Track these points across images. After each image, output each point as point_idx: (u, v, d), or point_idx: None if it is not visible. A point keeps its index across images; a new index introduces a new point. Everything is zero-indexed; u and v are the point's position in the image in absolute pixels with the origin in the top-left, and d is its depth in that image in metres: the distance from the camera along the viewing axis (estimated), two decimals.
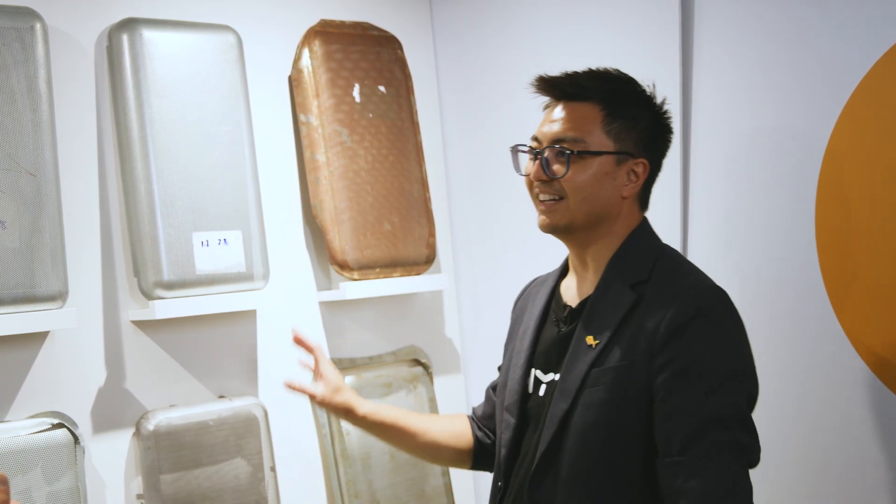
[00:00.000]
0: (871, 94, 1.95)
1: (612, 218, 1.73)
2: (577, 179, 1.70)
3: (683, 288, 1.64)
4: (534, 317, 1.83)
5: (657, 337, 1.60)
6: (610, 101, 1.72)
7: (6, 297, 1.99)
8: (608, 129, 1.71)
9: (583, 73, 1.77)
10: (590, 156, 1.70)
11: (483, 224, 2.83)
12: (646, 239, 1.75)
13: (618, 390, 1.62)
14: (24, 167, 2.04)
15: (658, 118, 1.76)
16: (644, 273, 1.69)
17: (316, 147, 2.53)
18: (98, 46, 2.25)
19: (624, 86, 1.75)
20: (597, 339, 1.66)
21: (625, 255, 1.72)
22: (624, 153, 1.71)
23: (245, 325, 2.45)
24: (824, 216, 2.03)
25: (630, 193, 1.72)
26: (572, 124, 1.72)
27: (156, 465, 2.18)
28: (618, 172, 1.71)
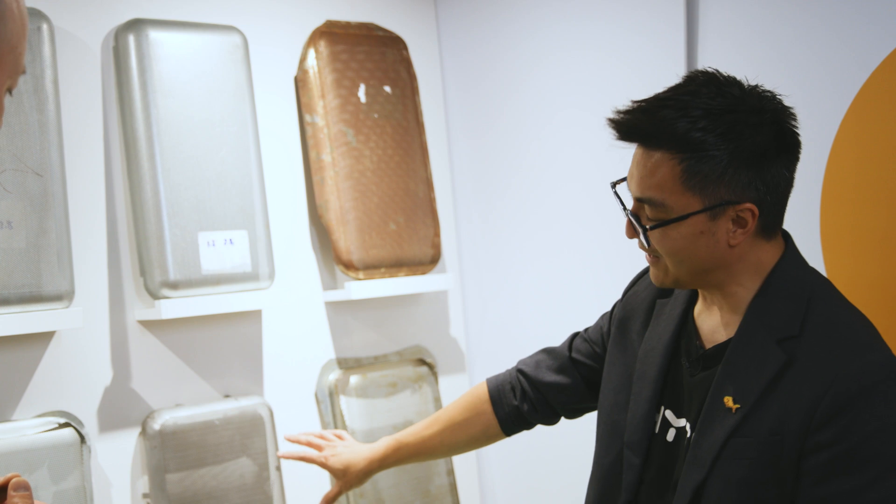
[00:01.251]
0: (876, 95, 1.95)
1: (729, 264, 1.49)
2: (667, 245, 1.48)
3: (848, 356, 1.40)
4: (662, 342, 1.60)
5: (815, 413, 1.38)
6: (686, 149, 1.43)
7: (13, 296, 1.99)
8: (691, 185, 1.43)
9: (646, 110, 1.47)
10: (672, 223, 1.45)
11: (488, 224, 2.83)
12: (792, 277, 1.49)
13: (763, 468, 1.41)
14: (30, 167, 2.05)
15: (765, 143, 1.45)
16: (794, 327, 1.44)
17: (321, 147, 2.54)
18: (104, 47, 2.26)
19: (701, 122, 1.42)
20: (737, 403, 1.44)
21: (768, 298, 1.48)
22: (718, 206, 1.44)
23: (251, 324, 2.46)
24: (829, 217, 2.03)
25: (739, 241, 1.47)
26: (649, 183, 1.46)
27: (161, 465, 2.19)
28: (716, 227, 1.46)
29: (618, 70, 2.44)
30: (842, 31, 2.00)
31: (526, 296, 2.73)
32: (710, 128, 1.42)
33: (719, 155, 1.42)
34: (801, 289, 1.49)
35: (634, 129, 1.48)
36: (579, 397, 1.84)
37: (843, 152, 2.00)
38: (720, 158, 1.42)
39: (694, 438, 1.49)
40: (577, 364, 1.84)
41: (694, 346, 1.56)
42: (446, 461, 2.68)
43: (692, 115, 1.43)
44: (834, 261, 2.02)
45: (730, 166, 1.43)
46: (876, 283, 1.96)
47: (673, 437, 1.54)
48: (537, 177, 2.68)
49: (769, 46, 2.13)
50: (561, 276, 2.64)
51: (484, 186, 2.83)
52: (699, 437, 1.47)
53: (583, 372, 1.84)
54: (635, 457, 1.58)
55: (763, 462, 1.41)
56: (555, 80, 2.61)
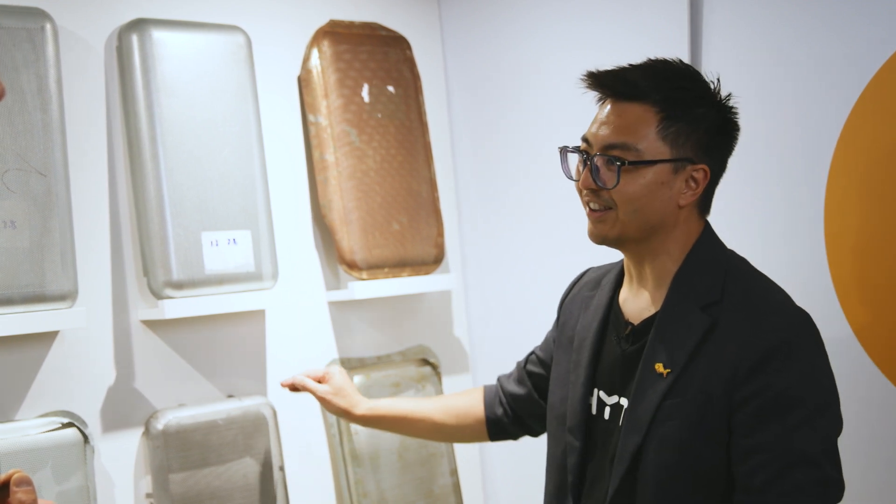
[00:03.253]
0: (879, 96, 1.95)
1: (668, 228, 1.60)
2: (629, 190, 1.57)
3: (765, 314, 1.52)
4: (591, 329, 1.70)
5: (739, 369, 1.49)
6: (667, 103, 1.57)
7: (16, 296, 2.00)
8: (664, 135, 1.56)
9: (637, 69, 1.62)
10: (643, 165, 1.56)
11: (492, 224, 2.83)
12: (712, 251, 1.62)
13: (695, 426, 1.51)
14: (34, 167, 2.05)
15: (722, 117, 1.61)
16: (716, 293, 1.56)
17: (325, 147, 2.54)
18: (108, 47, 2.26)
19: (684, 83, 1.59)
20: (668, 368, 1.54)
21: (690, 270, 1.59)
22: (682, 160, 1.57)
23: (254, 324, 2.46)
24: (833, 217, 2.02)
25: (688, 202, 1.59)
26: (624, 129, 1.57)
27: (165, 465, 2.19)
28: (674, 181, 1.57)
29: None
30: (845, 32, 2.00)
31: (529, 296, 2.73)
32: (688, 89, 1.59)
33: (692, 114, 1.57)
34: (718, 262, 1.61)
35: (623, 80, 1.60)
36: (535, 406, 1.95)
37: (846, 153, 2.00)
38: (692, 117, 1.57)
39: (629, 406, 1.58)
40: (530, 374, 1.96)
41: (621, 324, 1.66)
42: (450, 462, 2.68)
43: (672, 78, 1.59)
44: (838, 261, 2.02)
45: (697, 127, 1.57)
46: (880, 283, 1.96)
47: (609, 415, 1.63)
48: (541, 176, 2.68)
49: (773, 48, 2.13)
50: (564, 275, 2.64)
51: (487, 186, 2.83)
52: (634, 403, 1.57)
53: (535, 381, 1.95)
54: (576, 440, 1.66)
55: (693, 421, 1.51)
56: (558, 79, 2.61)
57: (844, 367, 2.01)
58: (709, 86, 1.61)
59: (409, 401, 2.07)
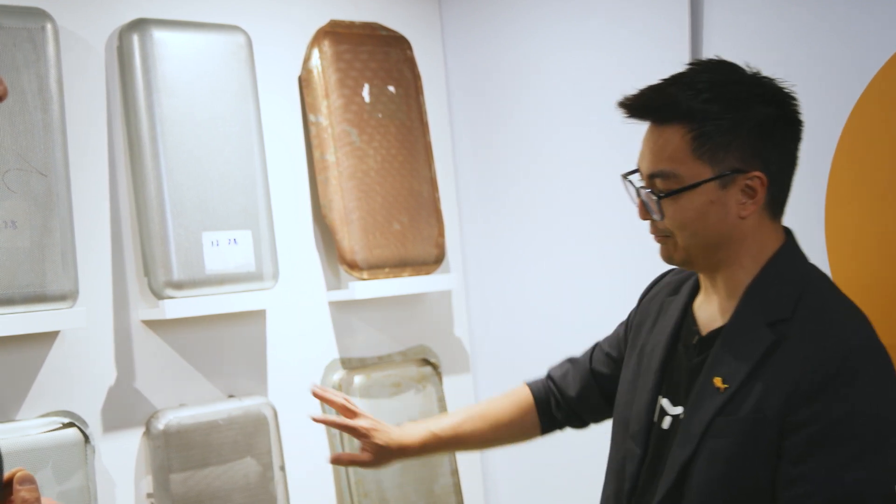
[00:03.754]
0: (881, 95, 1.95)
1: (736, 241, 1.51)
2: (679, 218, 1.50)
3: (832, 336, 1.43)
4: (664, 335, 1.64)
5: (796, 391, 1.41)
6: (695, 121, 1.47)
7: (17, 296, 2.00)
8: (700, 154, 1.47)
9: (658, 88, 1.52)
10: (686, 191, 1.48)
11: (492, 224, 2.83)
12: (790, 266, 1.53)
13: (747, 446, 1.44)
14: (34, 167, 2.05)
15: (768, 114, 1.49)
16: (786, 310, 1.47)
17: (325, 147, 2.54)
18: (108, 47, 2.26)
19: (709, 93, 1.48)
20: (726, 383, 1.47)
21: (765, 284, 1.51)
22: (727, 174, 1.48)
23: (255, 324, 2.46)
24: (833, 217, 2.02)
25: (749, 212, 1.50)
26: (660, 155, 1.50)
27: (165, 465, 2.19)
28: (726, 196, 1.49)
29: (621, 69, 2.44)
30: (846, 32, 2.00)
31: (530, 295, 2.73)
32: (714, 97, 1.48)
33: (725, 123, 1.47)
34: (797, 277, 1.52)
35: (645, 106, 1.52)
36: (601, 408, 1.87)
37: (847, 152, 2.00)
38: (726, 127, 1.47)
39: (684, 418, 1.52)
40: (597, 375, 1.86)
41: (691, 333, 1.59)
42: (450, 461, 2.68)
43: (697, 88, 1.48)
44: (838, 260, 2.02)
45: (736, 134, 1.47)
46: (880, 282, 1.95)
47: (668, 425, 1.57)
48: (541, 176, 2.68)
49: (774, 48, 2.12)
50: (565, 275, 2.64)
51: (488, 186, 2.83)
52: (688, 416, 1.51)
53: (601, 382, 1.86)
54: (637, 447, 1.60)
55: (746, 440, 1.44)
56: (559, 79, 2.61)
57: None
58: (744, 85, 1.51)
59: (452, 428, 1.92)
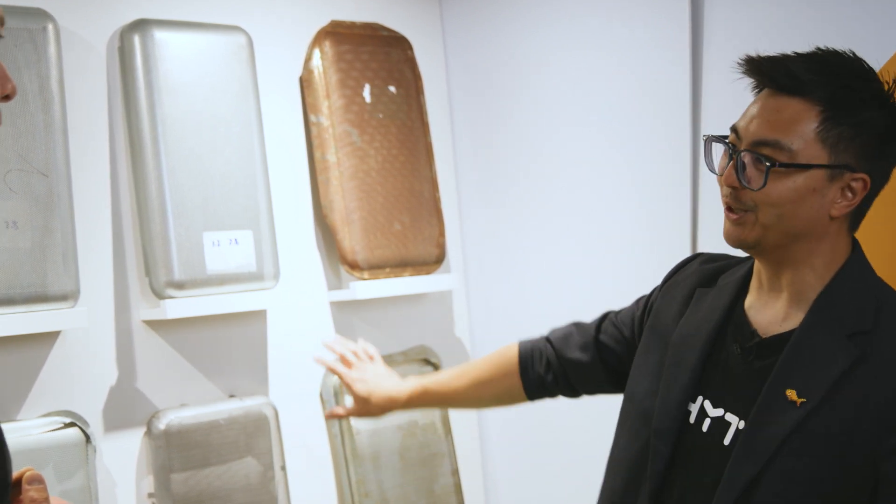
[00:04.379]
0: None
1: (814, 239, 1.44)
2: (774, 193, 1.41)
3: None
4: (705, 330, 1.53)
5: (892, 411, 1.32)
6: (832, 102, 1.40)
7: (18, 296, 2.00)
8: (825, 137, 1.39)
9: (803, 59, 1.44)
10: (796, 169, 1.40)
11: (493, 224, 2.83)
12: (863, 275, 1.45)
13: (828, 467, 1.34)
14: (35, 168, 2.05)
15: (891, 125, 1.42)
16: (866, 322, 1.39)
17: (326, 147, 2.54)
18: (110, 47, 2.26)
19: (854, 82, 1.41)
20: (802, 397, 1.37)
21: (838, 292, 1.42)
22: (841, 167, 1.40)
23: (255, 324, 2.46)
24: None
25: (841, 213, 1.42)
26: (780, 125, 1.41)
27: (166, 464, 2.19)
28: (828, 189, 1.41)
29: (622, 69, 2.44)
30: (847, 31, 2.00)
31: (530, 295, 2.73)
32: (858, 89, 1.41)
33: (862, 118, 1.40)
34: (870, 288, 1.45)
35: (788, 72, 1.43)
36: (597, 378, 1.81)
37: None
38: (860, 122, 1.40)
39: (747, 430, 1.41)
40: (601, 346, 1.79)
41: (747, 334, 1.48)
42: (451, 462, 2.68)
43: (846, 75, 1.42)
44: None
45: (863, 132, 1.41)
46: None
47: (708, 428, 1.47)
48: (542, 176, 2.68)
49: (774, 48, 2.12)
50: (566, 275, 2.64)
51: (488, 186, 2.83)
52: (754, 429, 1.40)
53: (605, 355, 1.79)
54: (664, 445, 1.50)
55: (829, 460, 1.35)
56: (559, 79, 2.61)
57: None
58: (882, 87, 1.43)
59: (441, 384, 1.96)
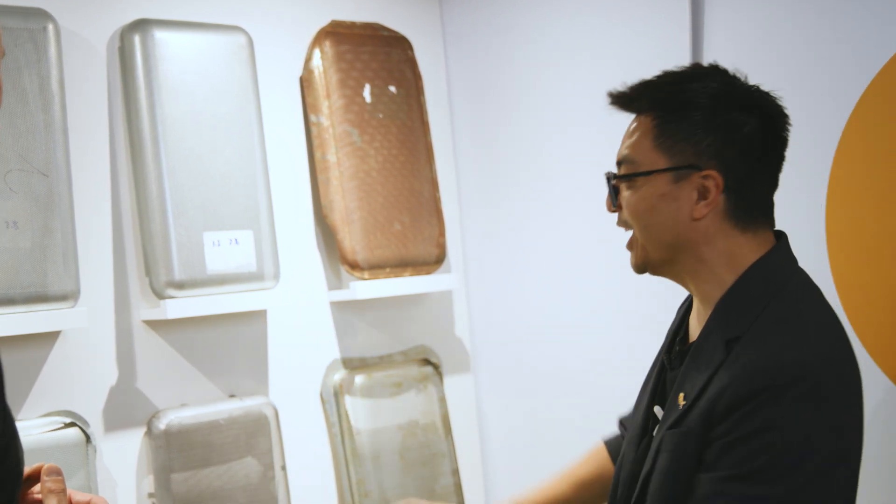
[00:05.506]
0: (883, 95, 1.95)
1: (694, 245, 1.47)
2: (631, 208, 1.50)
3: (765, 354, 1.38)
4: (667, 341, 1.63)
5: (717, 406, 1.39)
6: (661, 109, 1.48)
7: (18, 296, 2.00)
8: (660, 143, 1.47)
9: (640, 81, 1.53)
10: (639, 177, 1.48)
11: (493, 224, 2.83)
12: (766, 276, 1.46)
13: (680, 460, 1.43)
14: (36, 167, 2.05)
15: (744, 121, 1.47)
16: (742, 327, 1.43)
17: (326, 147, 2.54)
18: (110, 47, 2.26)
19: (680, 86, 1.49)
20: (685, 400, 1.45)
21: (733, 299, 1.46)
22: (681, 168, 1.46)
23: (256, 324, 2.46)
24: (835, 219, 2.02)
25: (703, 214, 1.46)
26: (626, 143, 1.52)
27: (167, 464, 2.19)
28: (679, 192, 1.46)
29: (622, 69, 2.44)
30: (847, 32, 2.00)
31: (531, 295, 2.73)
32: (692, 94, 1.47)
33: (692, 118, 1.46)
34: (770, 287, 1.46)
35: (624, 95, 1.53)
36: None
37: (849, 151, 2.00)
38: (691, 121, 1.46)
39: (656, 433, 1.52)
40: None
41: (676, 344, 1.58)
42: (451, 462, 2.68)
43: (675, 82, 1.50)
44: (839, 260, 2.02)
45: (701, 132, 1.46)
46: (881, 283, 1.96)
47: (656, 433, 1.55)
48: (542, 176, 2.68)
49: (774, 49, 2.12)
50: (566, 275, 2.64)
51: (489, 186, 2.83)
52: (657, 431, 1.50)
53: None
54: (631, 451, 1.58)
55: (678, 454, 1.43)
56: (560, 78, 2.61)
57: None
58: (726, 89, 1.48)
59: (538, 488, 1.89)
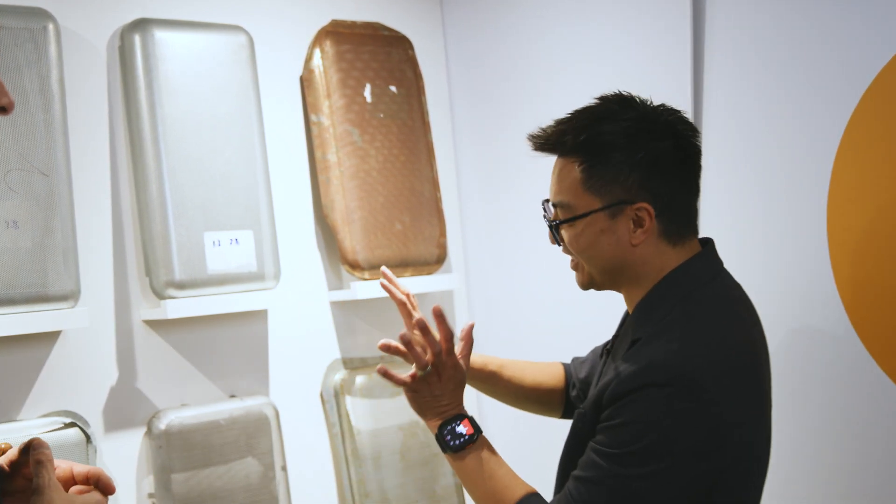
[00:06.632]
0: (883, 96, 1.95)
1: (632, 265, 1.60)
2: (574, 244, 1.62)
3: (650, 355, 1.50)
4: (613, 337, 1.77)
5: (604, 395, 1.53)
6: (583, 154, 1.58)
7: (19, 296, 2.00)
8: (589, 185, 1.58)
9: (555, 124, 1.64)
10: (577, 220, 1.60)
11: (494, 224, 2.83)
12: (680, 281, 1.58)
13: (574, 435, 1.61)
14: (36, 167, 2.05)
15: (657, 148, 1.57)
16: (644, 331, 1.56)
17: (327, 147, 2.54)
18: (110, 47, 2.26)
19: (597, 129, 1.58)
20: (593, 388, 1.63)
21: (647, 303, 1.60)
22: (614, 205, 1.57)
23: (256, 324, 2.46)
24: (836, 218, 2.02)
25: (640, 240, 1.58)
26: (558, 187, 1.63)
27: (167, 465, 2.19)
28: (616, 225, 1.58)
29: (623, 69, 2.44)
30: (848, 33, 2.00)
31: (531, 296, 2.73)
32: (608, 133, 1.57)
33: (615, 157, 1.56)
34: (682, 291, 1.58)
35: (546, 141, 1.64)
36: None
37: (849, 152, 2.00)
38: (616, 161, 1.56)
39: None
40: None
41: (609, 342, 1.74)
42: None
43: (595, 125, 1.59)
44: (840, 260, 2.02)
45: (625, 168, 1.56)
46: (882, 282, 1.95)
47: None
48: (543, 176, 2.67)
49: (774, 51, 2.12)
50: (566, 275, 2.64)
51: (489, 186, 2.83)
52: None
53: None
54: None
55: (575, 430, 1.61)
56: (560, 78, 2.61)
57: (846, 365, 2.01)
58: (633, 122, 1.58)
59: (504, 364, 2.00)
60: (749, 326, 1.60)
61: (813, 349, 2.06)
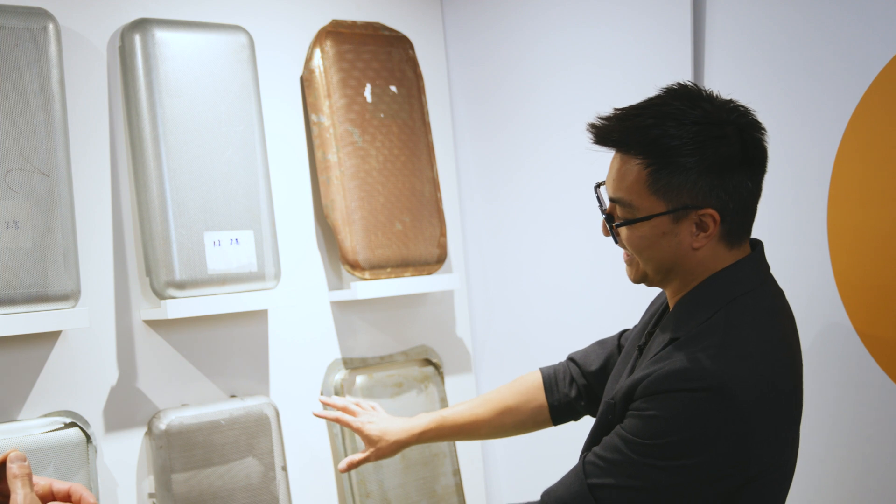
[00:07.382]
0: (883, 96, 1.95)
1: (689, 267, 1.58)
2: (632, 244, 1.58)
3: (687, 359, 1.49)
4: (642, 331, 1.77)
5: (637, 388, 1.53)
6: (651, 156, 1.52)
7: (19, 296, 2.00)
8: (655, 188, 1.53)
9: (621, 118, 1.56)
10: (639, 221, 1.55)
11: (494, 223, 2.83)
12: (727, 282, 1.57)
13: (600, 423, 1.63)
14: (36, 167, 2.05)
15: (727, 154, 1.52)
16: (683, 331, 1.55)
17: (327, 147, 2.54)
18: (110, 47, 2.26)
19: (665, 131, 1.51)
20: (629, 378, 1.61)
21: (688, 303, 1.59)
22: (680, 209, 1.53)
23: (256, 324, 2.46)
24: (836, 217, 2.02)
25: (702, 244, 1.55)
26: (620, 184, 1.57)
27: (167, 465, 2.19)
28: (679, 229, 1.55)
29: (623, 70, 2.44)
30: (848, 33, 2.00)
31: (532, 295, 2.73)
32: (676, 137, 1.51)
33: (684, 162, 1.51)
34: (726, 293, 1.56)
35: (608, 136, 1.57)
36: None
37: (850, 151, 2.00)
38: (684, 166, 1.51)
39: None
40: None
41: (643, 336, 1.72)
42: (452, 462, 2.68)
43: (662, 125, 1.52)
44: (841, 260, 2.02)
45: (693, 174, 1.52)
46: (882, 282, 1.95)
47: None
48: (543, 176, 2.68)
49: (775, 51, 2.12)
50: (567, 275, 2.64)
51: (490, 186, 2.83)
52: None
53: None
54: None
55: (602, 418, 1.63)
56: (561, 78, 2.61)
57: (846, 365, 2.01)
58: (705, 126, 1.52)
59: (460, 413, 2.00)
60: (791, 344, 1.58)
61: (813, 349, 2.06)
